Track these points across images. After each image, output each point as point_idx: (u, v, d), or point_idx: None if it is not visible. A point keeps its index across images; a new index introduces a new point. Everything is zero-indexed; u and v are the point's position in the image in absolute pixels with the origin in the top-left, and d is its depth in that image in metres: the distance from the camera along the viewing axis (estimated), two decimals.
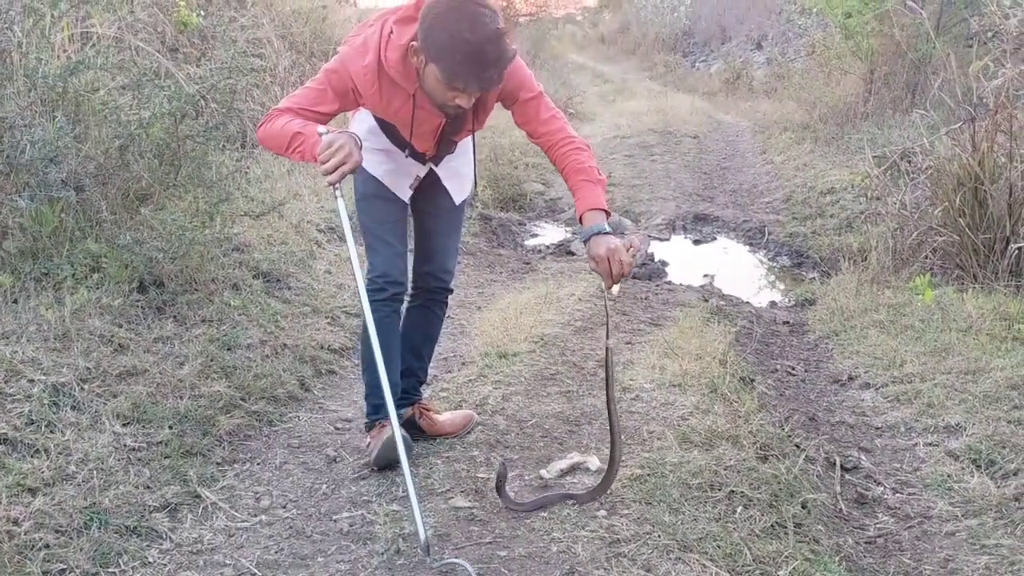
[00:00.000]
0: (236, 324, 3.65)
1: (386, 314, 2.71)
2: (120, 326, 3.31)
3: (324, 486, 2.73)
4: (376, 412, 2.79)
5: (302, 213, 5.29)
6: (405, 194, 2.74)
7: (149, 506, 2.46)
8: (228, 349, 3.45)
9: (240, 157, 5.69)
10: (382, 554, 2.27)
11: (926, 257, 5.47)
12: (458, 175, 2.84)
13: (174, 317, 3.54)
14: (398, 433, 2.36)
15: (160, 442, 2.77)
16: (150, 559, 2.27)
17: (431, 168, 2.76)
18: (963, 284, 5.00)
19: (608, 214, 2.49)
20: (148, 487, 2.54)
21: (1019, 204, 4.99)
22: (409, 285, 2.86)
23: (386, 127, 2.67)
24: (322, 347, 3.83)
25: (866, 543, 2.70)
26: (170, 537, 2.38)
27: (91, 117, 3.99)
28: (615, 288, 2.40)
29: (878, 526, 2.81)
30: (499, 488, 2.48)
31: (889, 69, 9.66)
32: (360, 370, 2.86)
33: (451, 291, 2.98)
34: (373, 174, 2.69)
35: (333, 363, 3.78)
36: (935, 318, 4.46)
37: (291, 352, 3.65)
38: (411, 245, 2.87)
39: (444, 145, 2.69)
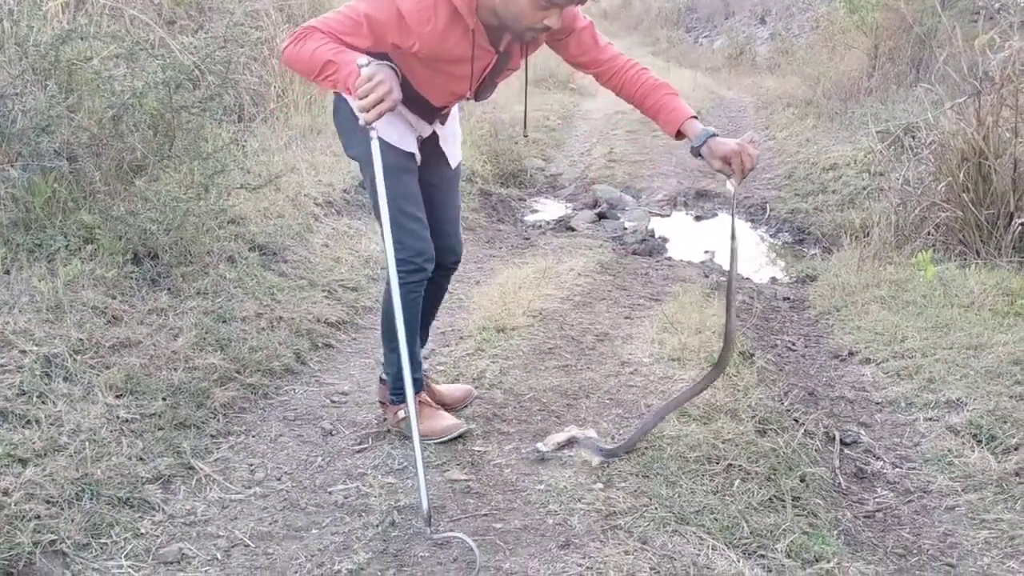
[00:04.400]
0: (231, 297, 3.62)
1: (419, 293, 2.65)
2: (114, 297, 3.28)
3: (319, 459, 2.71)
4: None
5: (299, 186, 5.23)
6: (416, 150, 2.60)
7: (142, 477, 2.44)
8: (223, 322, 3.42)
9: (237, 130, 5.64)
10: (377, 526, 2.25)
11: (929, 233, 5.42)
12: (454, 137, 2.76)
13: (168, 289, 3.51)
14: (411, 403, 2.29)
15: (153, 414, 2.74)
16: (142, 530, 2.25)
17: (433, 131, 2.67)
18: (966, 260, 4.96)
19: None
20: (141, 459, 2.52)
21: (1023, 179, 4.94)
22: None
23: (403, 87, 2.41)
24: (319, 320, 3.80)
25: (865, 517, 2.68)
26: (163, 508, 2.36)
27: (84, 87, 3.94)
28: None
29: (877, 500, 2.79)
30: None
31: (894, 44, 9.57)
32: (386, 346, 2.75)
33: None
34: (389, 141, 2.48)
35: (330, 336, 3.75)
36: (937, 294, 4.42)
37: (287, 325, 3.62)
38: None
39: (486, 89, 2.54)
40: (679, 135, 2.43)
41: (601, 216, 7.32)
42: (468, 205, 6.86)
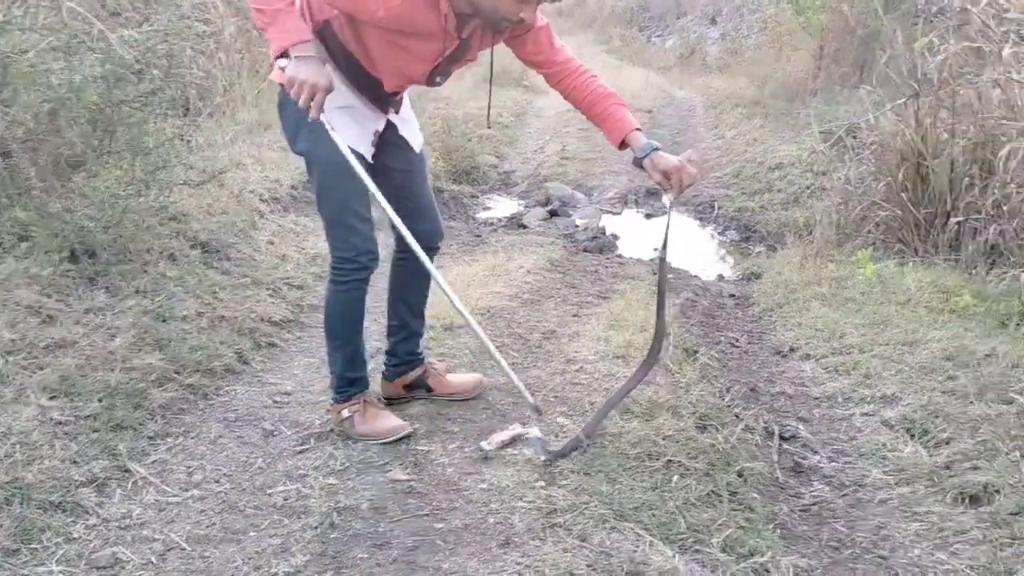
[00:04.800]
0: (172, 295, 3.56)
1: (364, 291, 2.67)
2: (49, 296, 3.20)
3: (259, 460, 2.68)
4: (352, 385, 2.75)
5: (244, 182, 5.17)
6: (369, 152, 2.59)
7: (75, 481, 2.39)
8: (163, 321, 3.36)
9: (183, 124, 5.54)
10: (316, 528, 2.24)
11: (869, 231, 5.55)
12: (411, 122, 2.76)
13: (106, 288, 3.44)
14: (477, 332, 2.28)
15: (88, 416, 2.69)
16: (75, 535, 2.21)
17: (388, 121, 2.65)
18: (904, 258, 5.09)
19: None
20: (75, 462, 2.47)
21: (959, 179, 5.08)
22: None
23: (351, 70, 2.47)
24: (262, 319, 3.75)
25: (801, 511, 2.73)
26: (97, 512, 2.32)
27: (19, 80, 3.83)
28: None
29: (813, 494, 2.85)
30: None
31: (838, 45, 9.75)
32: (329, 344, 2.74)
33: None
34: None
35: (273, 336, 3.71)
36: (875, 291, 4.53)
37: (229, 324, 3.57)
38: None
39: (441, 75, 2.55)
40: (623, 145, 2.51)
41: (553, 213, 7.35)
42: None
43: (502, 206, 7.81)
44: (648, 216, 7.54)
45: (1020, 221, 4.43)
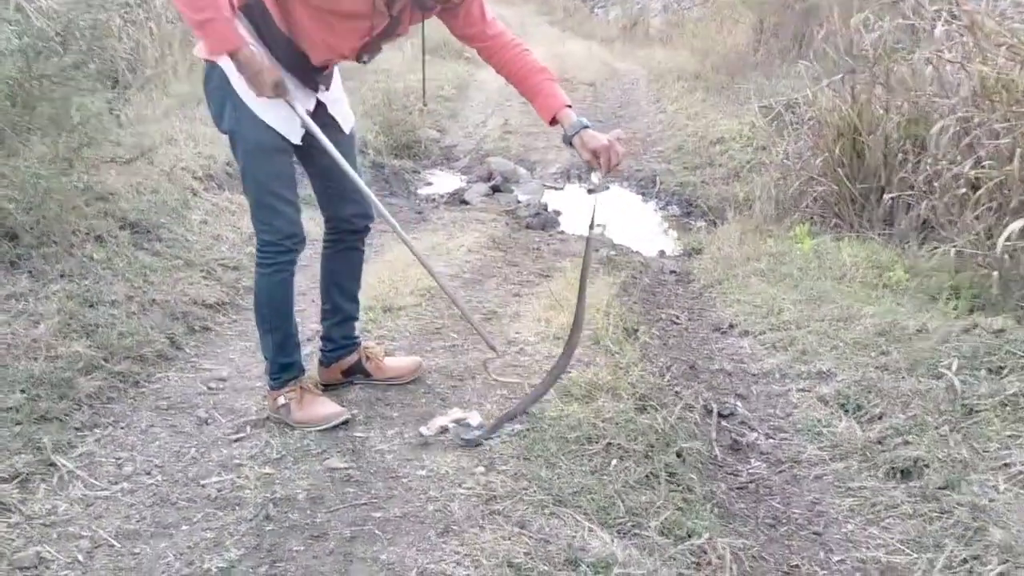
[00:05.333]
0: (99, 279, 3.44)
1: (291, 272, 2.64)
2: None
3: (193, 450, 2.61)
4: (285, 371, 2.71)
5: (176, 159, 5.01)
6: (297, 136, 2.52)
7: None
8: (90, 306, 3.24)
9: (112, 97, 5.34)
10: (251, 520, 2.19)
11: (807, 206, 5.63)
12: (340, 101, 2.69)
13: (29, 272, 3.30)
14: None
15: (10, 408, 2.58)
16: None
17: (318, 100, 2.59)
18: (840, 232, 5.18)
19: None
20: None
21: (894, 155, 5.17)
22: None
23: (275, 42, 2.40)
24: (195, 302, 3.65)
25: (738, 488, 2.77)
26: (20, 509, 2.23)
27: None
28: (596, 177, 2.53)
29: (750, 471, 2.89)
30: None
31: (778, 19, 9.85)
32: (260, 328, 2.71)
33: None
34: (263, 119, 2.43)
35: (207, 319, 3.61)
36: (812, 266, 4.60)
37: (161, 308, 3.46)
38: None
39: (371, 52, 2.51)
40: (553, 122, 2.50)
41: (495, 189, 7.30)
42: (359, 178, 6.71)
43: (444, 181, 7.73)
44: (590, 191, 7.54)
45: (950, 197, 4.53)
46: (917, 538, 2.42)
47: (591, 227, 2.63)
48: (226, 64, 2.36)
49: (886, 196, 5.06)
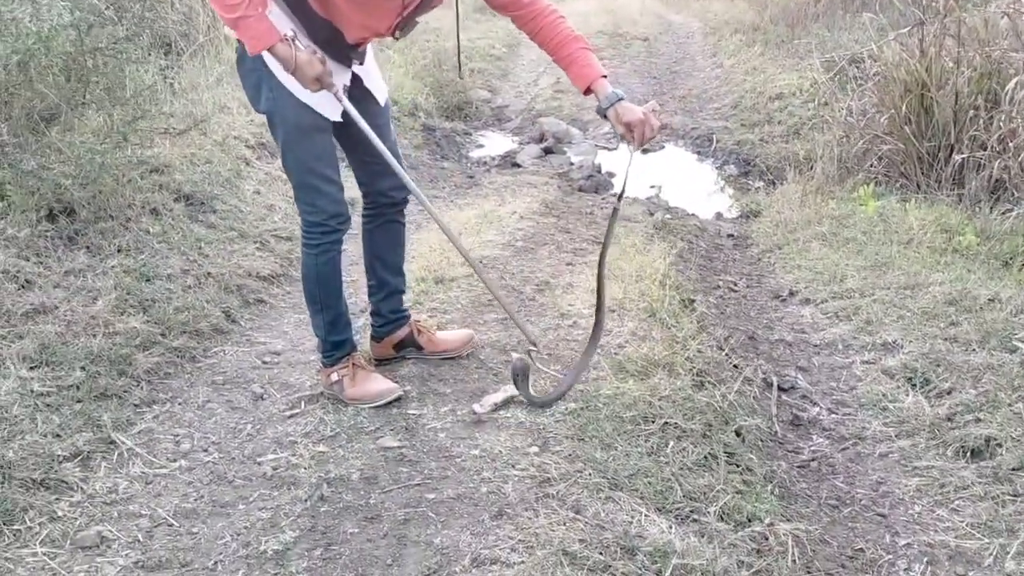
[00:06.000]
0: (155, 253, 3.47)
1: (339, 251, 2.64)
2: (27, 259, 3.11)
3: (249, 426, 2.63)
4: (338, 348, 2.70)
5: (229, 128, 5.01)
6: (336, 113, 2.48)
7: (58, 456, 2.33)
8: (146, 281, 3.27)
9: (165, 65, 5.36)
10: (305, 501, 2.19)
11: (871, 166, 5.42)
12: (374, 72, 2.65)
13: (87, 247, 3.34)
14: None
15: (71, 385, 2.62)
16: (59, 513, 2.16)
17: (353, 73, 2.55)
18: (907, 194, 4.98)
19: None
20: (57, 435, 2.41)
21: (964, 111, 4.93)
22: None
23: (311, 22, 2.37)
24: (250, 274, 3.66)
25: (799, 467, 2.70)
26: (81, 488, 2.27)
27: None
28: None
29: (812, 449, 2.81)
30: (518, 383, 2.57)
31: None
32: (310, 308, 2.71)
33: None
34: (302, 99, 2.39)
35: (262, 291, 3.62)
36: (877, 230, 4.44)
37: (216, 281, 3.48)
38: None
39: (407, 27, 2.48)
40: (588, 92, 2.46)
41: (547, 151, 7.19)
42: (411, 142, 6.67)
43: (496, 143, 7.64)
44: (645, 151, 7.37)
45: None
46: (988, 522, 2.33)
47: (620, 197, 2.59)
48: None
49: (956, 155, 4.83)
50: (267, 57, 2.32)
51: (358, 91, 2.56)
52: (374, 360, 2.92)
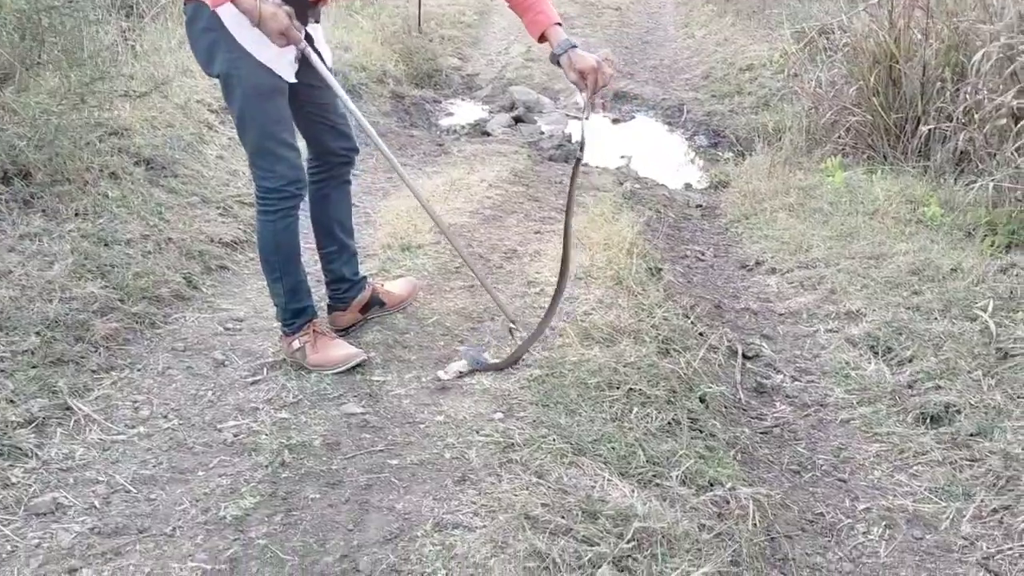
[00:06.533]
0: (114, 217, 3.38)
1: (296, 217, 2.59)
2: None
3: (210, 393, 2.59)
4: (299, 316, 2.67)
5: (191, 91, 4.90)
6: (291, 75, 2.43)
7: (12, 422, 2.28)
8: (105, 245, 3.20)
9: (127, 27, 5.22)
10: (266, 467, 2.16)
11: (839, 137, 5.44)
12: (320, 35, 2.59)
13: (43, 211, 3.26)
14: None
15: (26, 351, 2.56)
16: (13, 479, 2.11)
17: (307, 32, 2.48)
18: (873, 165, 5.00)
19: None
20: (11, 401, 2.35)
21: (931, 83, 4.96)
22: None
23: None
24: (212, 240, 3.60)
25: (762, 433, 2.72)
26: (36, 454, 2.22)
27: None
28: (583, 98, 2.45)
29: (775, 415, 2.83)
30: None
31: None
32: (268, 276, 2.65)
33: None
34: (260, 59, 2.32)
35: (224, 257, 3.56)
36: (844, 201, 4.46)
37: (177, 247, 3.41)
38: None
39: None
40: (542, 39, 2.42)
41: (518, 120, 7.13)
42: (379, 109, 6.59)
43: (465, 112, 7.56)
44: (615, 121, 7.36)
45: (990, 128, 4.34)
46: (946, 486, 2.37)
47: (579, 153, 2.54)
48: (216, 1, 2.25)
49: (922, 127, 4.86)
50: (225, 16, 2.26)
51: (312, 52, 2.50)
52: (341, 330, 2.88)
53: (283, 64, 2.36)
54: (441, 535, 1.85)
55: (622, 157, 6.17)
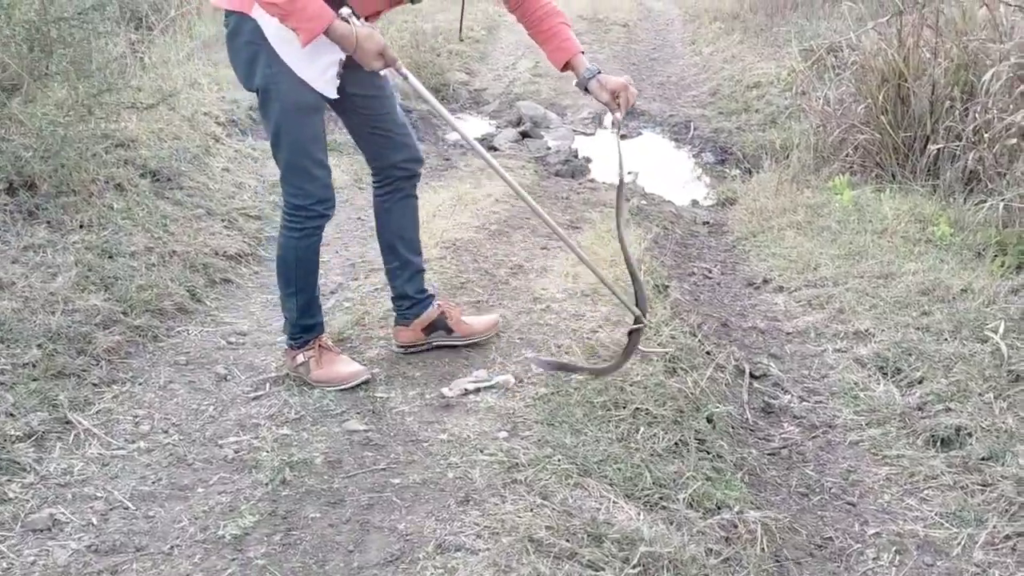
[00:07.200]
0: (118, 229, 3.37)
1: (318, 238, 2.58)
2: None
3: (211, 408, 2.56)
4: (307, 332, 2.64)
5: (198, 104, 4.91)
6: (334, 90, 2.40)
7: (11, 436, 2.25)
8: (109, 257, 3.19)
9: (135, 40, 5.23)
10: (267, 484, 2.13)
11: (847, 155, 5.41)
12: None
13: (47, 222, 3.25)
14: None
15: (27, 364, 2.54)
16: (10, 495, 2.08)
17: None
18: (882, 184, 4.97)
19: None
20: (11, 415, 2.33)
21: (940, 102, 4.93)
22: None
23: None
24: (216, 253, 3.58)
25: (770, 455, 2.68)
26: (35, 469, 2.19)
27: None
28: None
29: (783, 436, 2.79)
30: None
31: None
32: (283, 290, 2.62)
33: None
34: (301, 76, 2.31)
35: (228, 271, 3.54)
36: (852, 219, 4.43)
37: (181, 259, 3.40)
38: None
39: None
40: (566, 67, 2.48)
41: (524, 135, 7.13)
42: None
43: (472, 126, 7.57)
44: (623, 137, 7.32)
45: (1000, 148, 4.31)
46: (957, 511, 2.32)
47: (621, 172, 2.53)
48: (260, 14, 2.24)
49: (931, 146, 4.83)
50: (268, 30, 2.24)
51: (355, 65, 2.47)
52: (400, 347, 2.85)
53: (324, 81, 2.35)
54: (443, 557, 1.82)
55: (629, 173, 6.13)
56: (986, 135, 4.44)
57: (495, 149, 6.72)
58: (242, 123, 5.15)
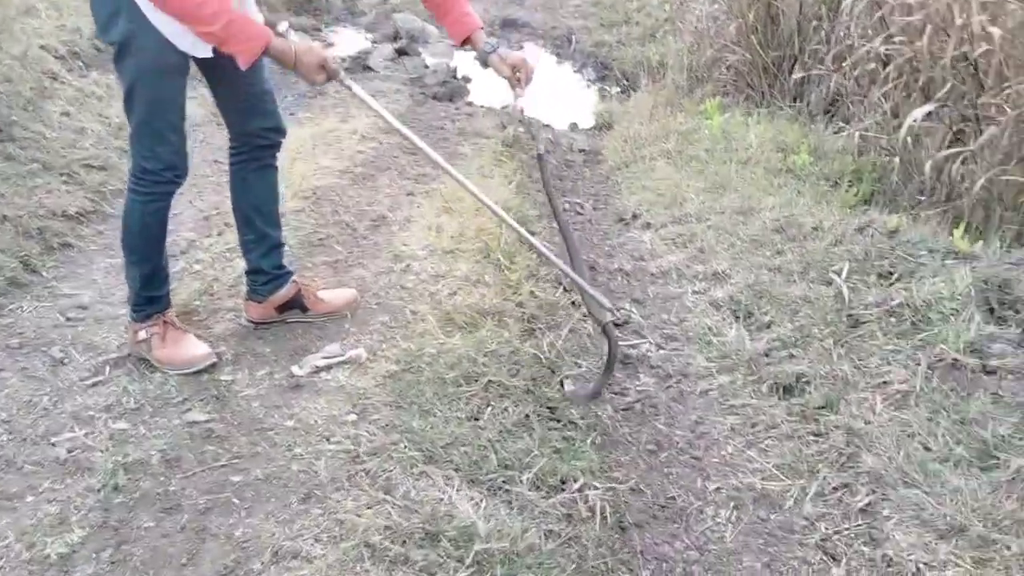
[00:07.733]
0: None
1: (168, 204, 2.45)
2: None
3: (45, 398, 2.43)
4: (151, 304, 2.53)
5: (34, 35, 4.49)
6: (205, 49, 2.23)
7: None
8: None
9: None
10: (98, 491, 2.05)
11: (720, 76, 5.43)
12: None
13: None
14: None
15: None
16: None
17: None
18: (751, 106, 5.02)
19: None
20: None
21: (808, 21, 4.96)
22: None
23: None
24: (54, 214, 3.35)
25: (623, 410, 2.73)
26: None
27: None
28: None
29: (639, 388, 2.85)
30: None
31: None
32: (126, 258, 2.49)
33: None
34: (165, 33, 2.14)
35: (68, 233, 3.32)
36: (719, 148, 4.47)
37: (12, 225, 3.16)
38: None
39: None
40: (464, 41, 2.45)
41: (401, 52, 6.86)
42: None
43: (347, 41, 7.24)
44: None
45: (860, 72, 4.38)
46: (793, 463, 2.43)
47: (538, 148, 2.71)
48: None
49: (797, 69, 4.88)
50: None
51: None
52: (250, 322, 2.74)
53: (191, 41, 2.17)
54: (278, 568, 1.80)
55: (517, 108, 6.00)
56: (848, 59, 4.51)
57: (370, 69, 6.45)
58: (85, 55, 4.75)
